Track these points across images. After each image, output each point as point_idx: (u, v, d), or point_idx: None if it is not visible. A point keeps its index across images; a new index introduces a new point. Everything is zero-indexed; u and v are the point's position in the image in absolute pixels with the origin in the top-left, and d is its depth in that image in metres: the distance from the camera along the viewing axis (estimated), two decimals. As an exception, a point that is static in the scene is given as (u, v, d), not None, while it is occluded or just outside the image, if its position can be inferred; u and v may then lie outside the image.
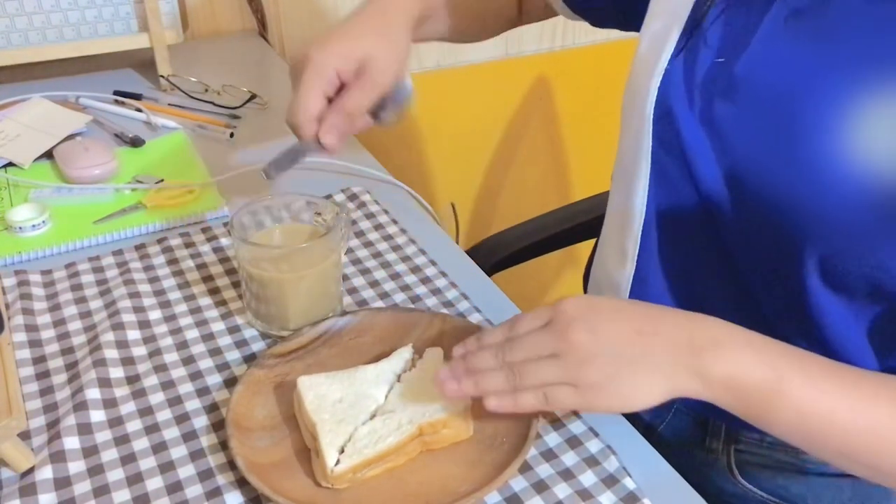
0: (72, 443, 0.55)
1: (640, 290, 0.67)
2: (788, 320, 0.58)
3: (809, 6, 0.52)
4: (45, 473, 0.53)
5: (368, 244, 0.77)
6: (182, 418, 0.58)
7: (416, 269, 0.74)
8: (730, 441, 0.70)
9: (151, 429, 0.57)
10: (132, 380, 0.61)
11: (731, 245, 0.59)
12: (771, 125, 0.54)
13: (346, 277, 0.73)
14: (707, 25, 0.57)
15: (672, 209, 0.62)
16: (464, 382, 0.53)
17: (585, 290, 0.82)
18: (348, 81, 0.59)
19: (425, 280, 0.73)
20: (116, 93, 1.03)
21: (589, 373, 0.50)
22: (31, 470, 0.53)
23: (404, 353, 0.61)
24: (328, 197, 0.84)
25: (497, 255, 0.96)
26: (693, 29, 0.58)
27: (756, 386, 0.49)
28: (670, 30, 0.60)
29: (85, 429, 0.56)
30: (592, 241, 0.86)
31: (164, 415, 0.58)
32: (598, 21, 0.78)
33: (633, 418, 0.58)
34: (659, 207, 0.63)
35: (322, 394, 0.56)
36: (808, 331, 0.57)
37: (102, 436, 0.56)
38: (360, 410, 0.56)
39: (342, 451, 0.53)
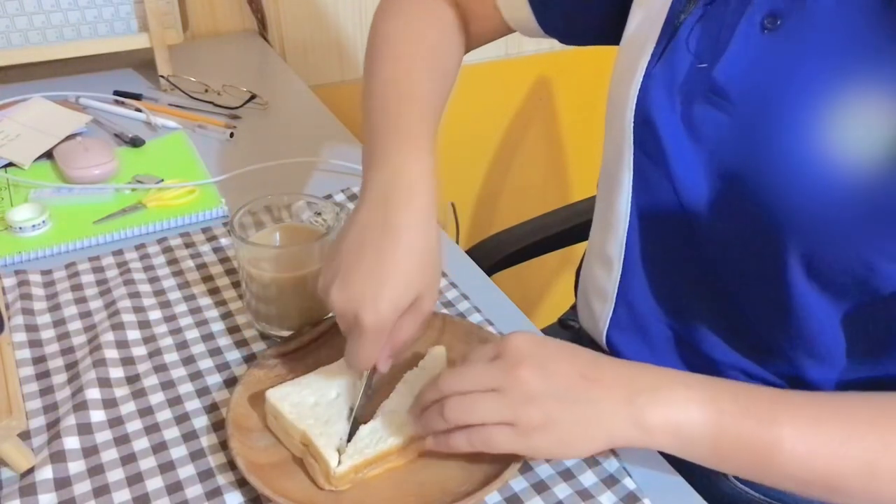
0: (72, 443, 0.55)
1: (625, 296, 0.67)
2: (773, 323, 0.58)
3: (784, 7, 0.52)
4: (45, 473, 0.53)
5: (368, 244, 0.77)
6: (182, 418, 0.58)
7: (416, 270, 0.74)
8: None
9: (151, 429, 0.57)
10: (132, 380, 0.61)
11: (713, 248, 0.59)
12: (750, 127, 0.54)
13: (346, 277, 0.72)
14: (685, 32, 0.57)
15: (654, 214, 0.63)
16: (416, 424, 0.54)
17: (576, 295, 0.82)
18: None
19: (425, 280, 0.73)
20: (116, 93, 1.03)
21: (531, 412, 0.50)
22: (31, 470, 0.53)
23: None
24: (328, 197, 0.84)
25: (497, 255, 0.96)
26: (671, 35, 0.58)
27: (698, 424, 0.50)
28: (648, 37, 0.60)
29: (85, 429, 0.56)
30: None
31: (164, 415, 0.58)
32: (569, 40, 0.77)
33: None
34: (642, 213, 0.64)
35: (297, 402, 0.56)
36: (794, 333, 0.57)
37: (102, 436, 0.56)
38: (341, 407, 0.56)
39: (340, 451, 0.53)
